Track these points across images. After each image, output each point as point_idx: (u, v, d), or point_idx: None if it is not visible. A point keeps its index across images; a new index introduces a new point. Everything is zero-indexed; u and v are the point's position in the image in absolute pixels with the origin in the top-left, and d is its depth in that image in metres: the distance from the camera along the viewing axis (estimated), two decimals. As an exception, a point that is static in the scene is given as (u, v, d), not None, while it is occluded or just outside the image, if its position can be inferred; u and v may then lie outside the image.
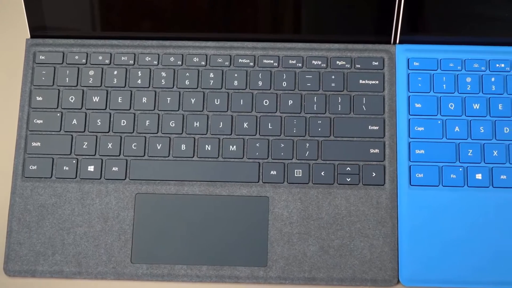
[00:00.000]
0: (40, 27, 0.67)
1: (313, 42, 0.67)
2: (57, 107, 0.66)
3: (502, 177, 0.64)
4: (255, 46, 0.67)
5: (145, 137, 0.65)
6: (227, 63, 0.67)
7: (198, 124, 0.65)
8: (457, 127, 0.65)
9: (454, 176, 0.64)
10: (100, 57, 0.67)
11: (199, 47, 0.67)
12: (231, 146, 0.65)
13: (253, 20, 0.67)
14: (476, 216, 0.63)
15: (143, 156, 0.65)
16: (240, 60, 0.67)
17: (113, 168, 0.64)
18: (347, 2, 0.67)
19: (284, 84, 0.66)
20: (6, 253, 0.63)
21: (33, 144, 0.65)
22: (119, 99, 0.66)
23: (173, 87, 0.66)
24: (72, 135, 0.65)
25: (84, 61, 0.67)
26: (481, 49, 0.67)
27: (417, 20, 0.67)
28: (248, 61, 0.67)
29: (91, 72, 0.67)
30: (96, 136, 0.65)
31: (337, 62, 0.67)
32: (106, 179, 0.64)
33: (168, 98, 0.66)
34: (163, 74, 0.67)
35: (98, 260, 0.63)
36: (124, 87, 0.66)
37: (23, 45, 0.68)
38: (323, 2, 0.66)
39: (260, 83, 0.66)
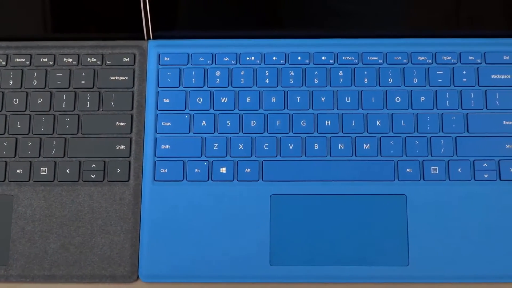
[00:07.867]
0: None
1: (67, 40, 0.67)
2: None
3: (246, 170, 0.64)
4: (8, 45, 0.67)
5: None
6: None
7: None
8: (204, 122, 0.65)
9: (199, 170, 0.64)
10: None
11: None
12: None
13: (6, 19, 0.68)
14: (218, 210, 0.63)
15: None
16: None
17: None
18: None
19: (35, 82, 0.66)
20: None
21: None
22: None
23: None
24: None
25: None
26: (231, 43, 0.67)
27: (166, 16, 0.66)
28: (1, 60, 0.67)
29: None
30: None
31: (88, 59, 0.67)
32: None
33: None
34: None
35: None
36: None
37: None
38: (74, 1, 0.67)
39: (11, 82, 0.66)
